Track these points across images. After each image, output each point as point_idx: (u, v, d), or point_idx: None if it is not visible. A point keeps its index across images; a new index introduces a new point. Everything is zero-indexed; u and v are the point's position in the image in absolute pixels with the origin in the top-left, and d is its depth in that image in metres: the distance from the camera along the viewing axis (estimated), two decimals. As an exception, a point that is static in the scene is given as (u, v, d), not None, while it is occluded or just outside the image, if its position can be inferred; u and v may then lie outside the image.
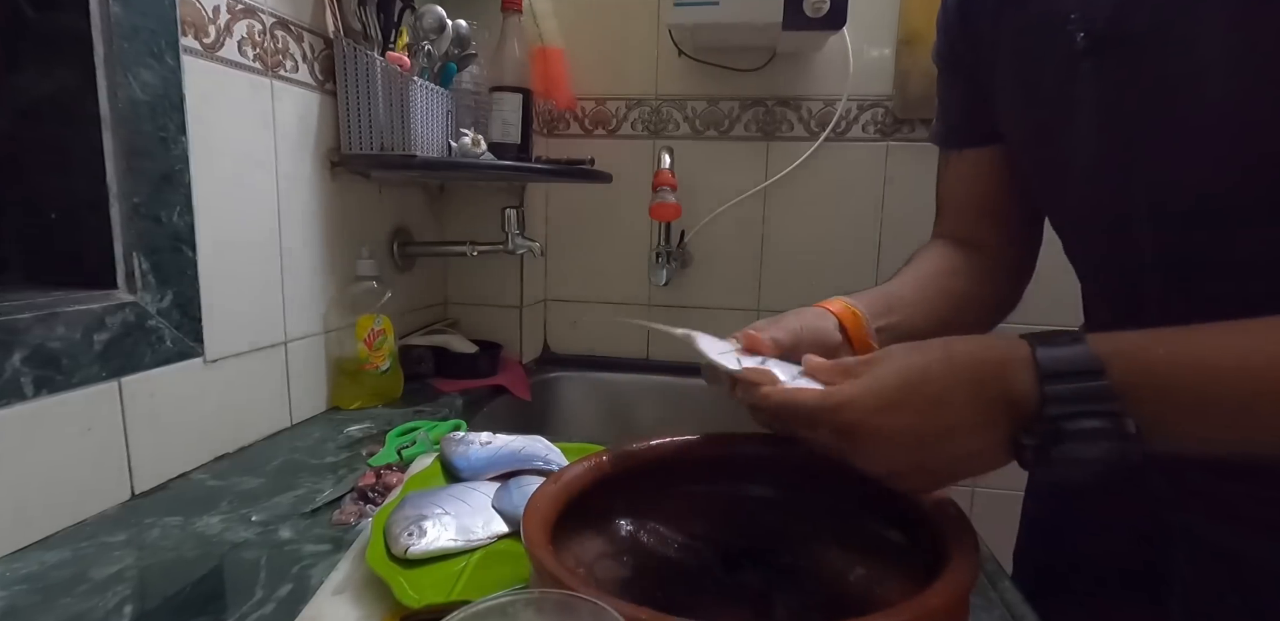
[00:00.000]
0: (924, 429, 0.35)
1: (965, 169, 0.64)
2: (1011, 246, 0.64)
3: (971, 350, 0.37)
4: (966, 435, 0.35)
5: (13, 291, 0.56)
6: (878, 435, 0.36)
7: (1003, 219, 0.63)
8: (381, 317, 0.88)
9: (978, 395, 0.35)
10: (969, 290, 0.62)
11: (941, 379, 0.36)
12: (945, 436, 0.35)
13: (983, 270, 0.63)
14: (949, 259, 0.64)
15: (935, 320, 0.60)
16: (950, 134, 0.64)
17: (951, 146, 0.64)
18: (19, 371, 0.50)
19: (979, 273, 0.63)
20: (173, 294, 0.63)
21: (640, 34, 1.23)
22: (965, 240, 0.64)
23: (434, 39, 0.88)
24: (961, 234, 0.65)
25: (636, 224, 1.27)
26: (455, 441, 0.64)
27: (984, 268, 0.63)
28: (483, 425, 0.94)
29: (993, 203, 0.63)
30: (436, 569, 0.46)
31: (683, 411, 1.20)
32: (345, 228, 0.90)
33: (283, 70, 0.76)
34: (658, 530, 0.42)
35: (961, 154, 0.63)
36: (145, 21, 0.59)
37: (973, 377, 0.36)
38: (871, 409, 0.36)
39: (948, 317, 0.60)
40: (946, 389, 0.36)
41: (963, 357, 0.36)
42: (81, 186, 0.58)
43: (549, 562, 0.31)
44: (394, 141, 0.84)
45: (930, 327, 0.60)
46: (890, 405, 0.36)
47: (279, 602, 0.44)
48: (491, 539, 0.50)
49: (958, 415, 0.35)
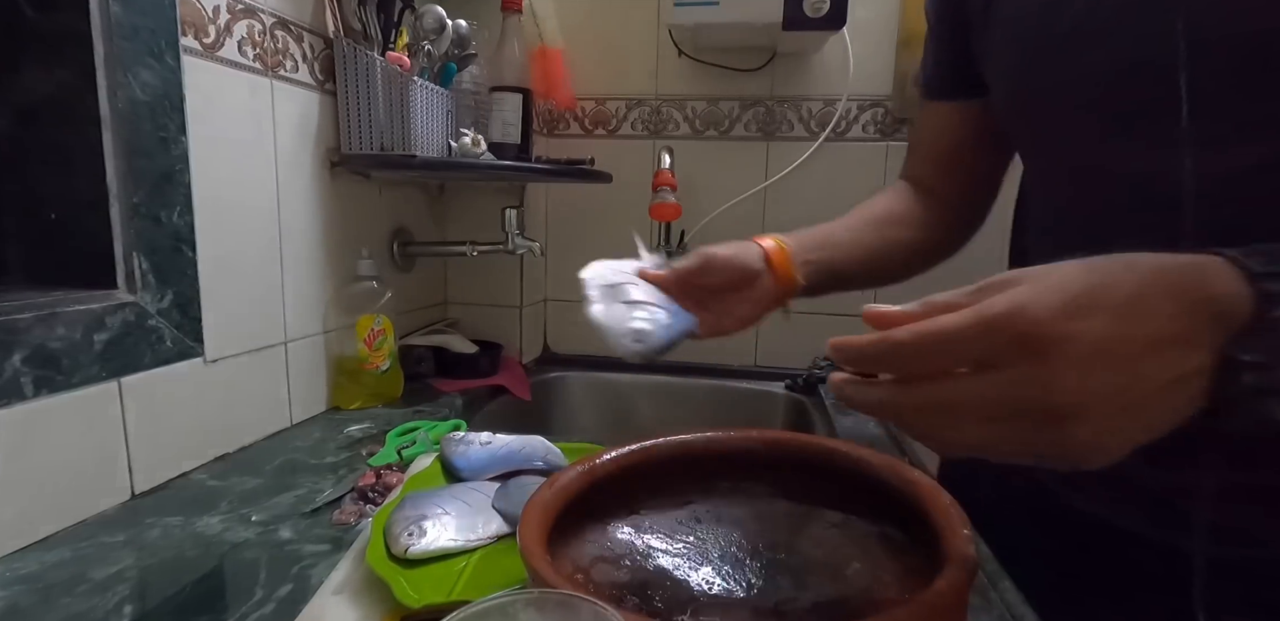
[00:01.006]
0: (1130, 337, 0.27)
1: (938, 120, 0.67)
2: (965, 199, 0.67)
3: (1156, 257, 0.29)
4: (1176, 350, 0.27)
5: (13, 291, 0.56)
6: (1075, 344, 0.26)
7: (964, 172, 0.67)
8: (381, 318, 0.88)
9: (1179, 299, 0.28)
10: (906, 237, 0.66)
11: (1132, 282, 0.28)
12: (1153, 350, 0.27)
13: (932, 218, 0.67)
14: (900, 204, 0.68)
15: (864, 261, 0.65)
16: (929, 83, 0.66)
17: (929, 96, 0.67)
18: (19, 371, 0.50)
19: (927, 220, 0.67)
20: (173, 294, 0.63)
21: (640, 34, 1.23)
22: (926, 186, 0.68)
23: (434, 39, 0.88)
24: (924, 180, 0.69)
25: (636, 224, 1.26)
26: (455, 441, 0.64)
27: (934, 216, 0.67)
28: (483, 425, 0.94)
29: (958, 155, 0.66)
30: (436, 569, 0.46)
31: (683, 411, 1.20)
32: (345, 228, 0.90)
33: (283, 70, 0.76)
34: (656, 531, 0.42)
35: (936, 104, 0.66)
36: (145, 21, 0.59)
37: (1170, 281, 0.28)
38: (1059, 310, 0.26)
39: (876, 260, 0.65)
40: (1141, 292, 0.28)
41: (1149, 262, 0.29)
42: (81, 186, 0.58)
43: (546, 572, 0.31)
44: (394, 141, 0.84)
45: (856, 268, 0.65)
46: (1082, 307, 0.26)
47: (279, 602, 0.44)
48: (491, 539, 0.50)
49: (1160, 325, 0.27)
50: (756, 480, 0.44)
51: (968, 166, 0.66)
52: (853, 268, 0.65)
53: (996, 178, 0.66)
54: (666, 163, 1.16)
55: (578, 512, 0.39)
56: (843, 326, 1.22)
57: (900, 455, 0.76)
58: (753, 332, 1.26)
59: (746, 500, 0.44)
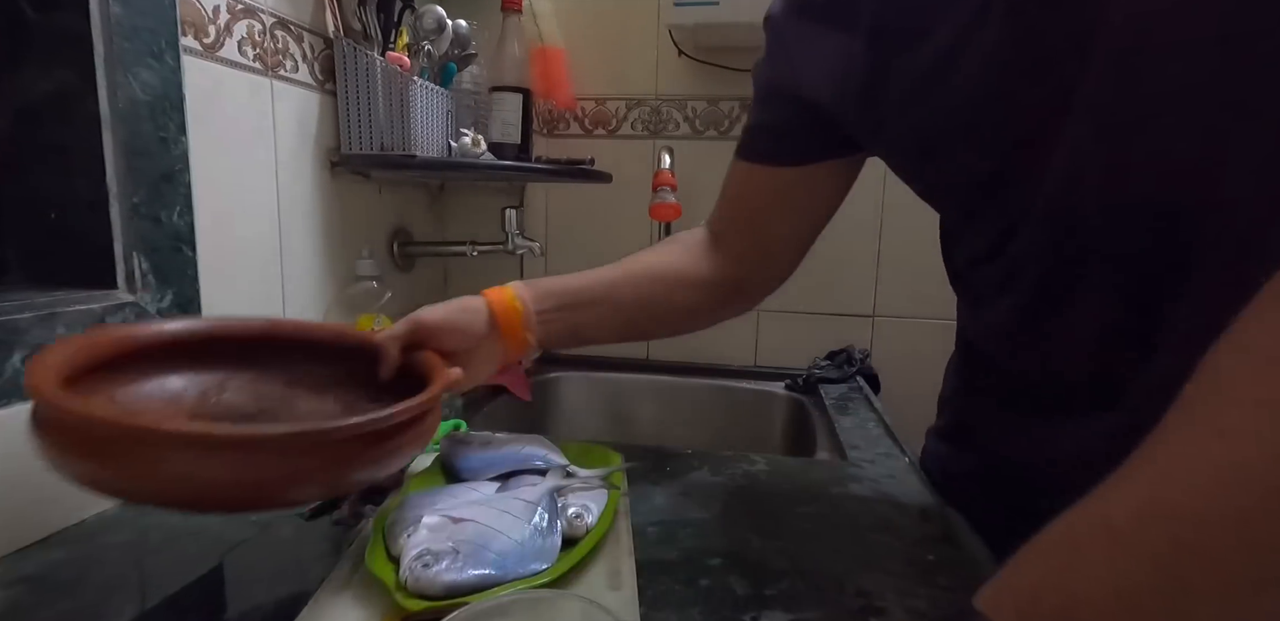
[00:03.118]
0: None
1: (748, 178, 0.62)
2: (762, 261, 0.64)
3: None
4: None
5: (13, 291, 0.56)
6: None
7: (765, 234, 0.63)
8: (381, 318, 0.88)
9: None
10: (676, 298, 0.63)
11: None
12: None
13: (716, 278, 0.63)
14: (681, 260, 0.64)
15: (613, 324, 0.62)
16: (747, 145, 0.61)
17: (741, 156, 0.62)
18: (19, 371, 0.50)
19: (709, 280, 0.63)
20: (173, 294, 0.63)
21: (640, 34, 1.23)
22: (723, 241, 0.65)
23: (434, 39, 0.88)
24: (723, 235, 0.65)
25: (636, 224, 1.27)
26: (455, 441, 0.64)
27: (720, 275, 0.63)
28: (483, 425, 0.94)
29: (762, 217, 0.63)
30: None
31: (683, 411, 1.20)
32: (345, 228, 0.90)
33: (283, 70, 0.76)
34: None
35: (748, 164, 0.61)
36: (145, 21, 0.59)
37: None
38: None
39: (630, 323, 0.63)
40: None
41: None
42: (81, 186, 0.58)
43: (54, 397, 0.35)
44: (394, 141, 0.84)
45: (605, 332, 0.62)
46: None
47: (279, 602, 0.44)
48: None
49: None
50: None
51: (770, 229, 0.63)
52: (600, 331, 0.63)
53: (804, 241, 0.64)
54: (666, 163, 1.16)
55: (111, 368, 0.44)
56: (843, 326, 1.22)
57: (901, 454, 0.76)
58: (753, 332, 1.26)
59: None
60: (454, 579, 0.41)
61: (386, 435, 0.40)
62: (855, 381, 1.11)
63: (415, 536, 0.45)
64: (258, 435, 0.36)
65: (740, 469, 0.67)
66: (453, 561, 0.42)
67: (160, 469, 0.35)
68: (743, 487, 0.63)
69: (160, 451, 0.35)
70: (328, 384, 0.55)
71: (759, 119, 0.60)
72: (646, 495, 0.60)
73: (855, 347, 1.18)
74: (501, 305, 0.57)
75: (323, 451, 0.38)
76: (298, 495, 0.40)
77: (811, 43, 0.53)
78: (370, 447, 0.40)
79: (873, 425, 0.88)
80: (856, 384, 1.10)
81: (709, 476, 0.66)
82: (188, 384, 0.50)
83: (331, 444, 0.38)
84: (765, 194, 0.61)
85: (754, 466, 0.68)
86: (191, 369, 0.50)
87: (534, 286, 0.60)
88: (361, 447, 0.39)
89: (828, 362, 1.16)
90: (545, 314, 0.59)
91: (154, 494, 0.37)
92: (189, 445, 0.35)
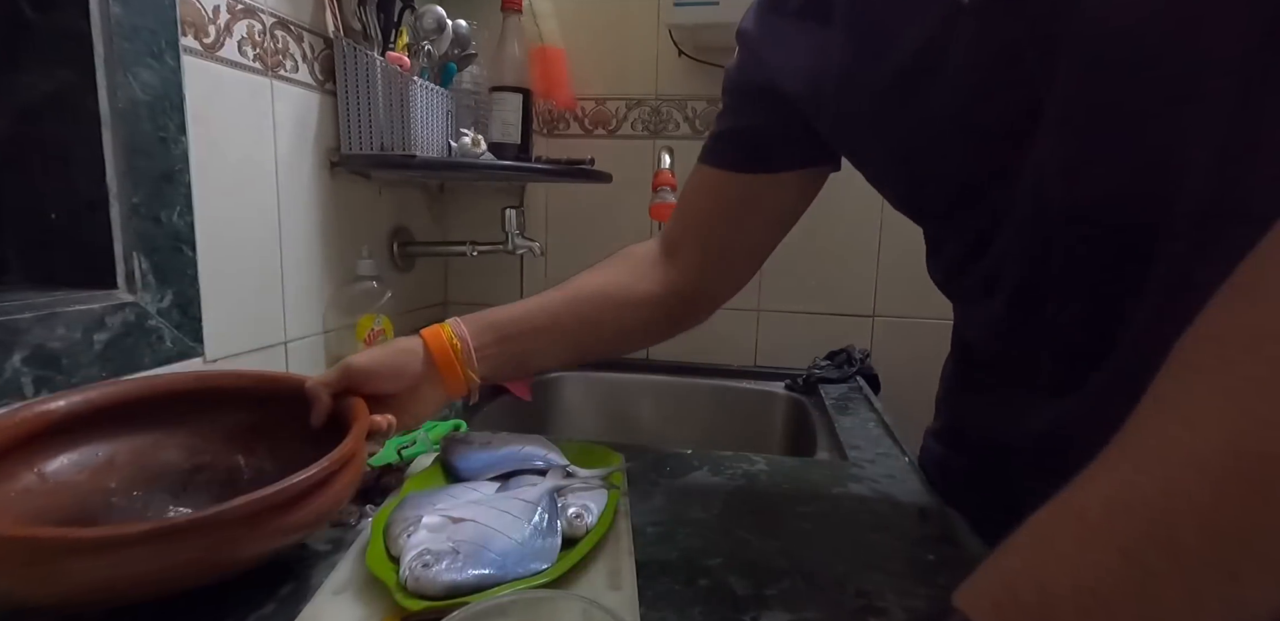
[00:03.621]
0: None
1: (708, 183, 0.61)
2: (715, 272, 0.63)
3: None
4: None
5: (13, 291, 0.56)
6: None
7: (722, 244, 0.62)
8: (381, 317, 0.88)
9: None
10: (623, 318, 0.62)
11: None
12: None
13: (663, 293, 0.62)
14: (627, 277, 0.63)
15: (558, 351, 0.61)
16: (712, 148, 0.60)
17: (705, 160, 0.61)
18: (19, 371, 0.50)
19: (655, 297, 0.62)
20: (173, 294, 0.63)
21: (640, 34, 1.23)
22: (675, 251, 0.64)
23: (434, 39, 0.88)
24: (676, 245, 0.64)
25: (636, 224, 1.27)
26: (455, 441, 0.64)
27: (668, 289, 0.62)
28: (483, 425, 0.94)
29: (720, 226, 0.62)
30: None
31: (683, 411, 1.20)
32: (345, 228, 0.90)
33: (283, 70, 0.76)
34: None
35: (711, 169, 0.60)
36: (145, 21, 0.59)
37: None
38: None
39: (576, 347, 0.62)
40: None
41: None
42: (81, 186, 0.58)
43: None
44: (394, 141, 0.84)
45: (549, 360, 0.62)
46: None
47: (279, 602, 0.44)
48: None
49: None
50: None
51: (732, 238, 0.62)
52: (547, 359, 0.62)
53: (763, 251, 0.63)
54: (666, 163, 1.16)
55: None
56: (843, 326, 1.22)
57: (901, 454, 0.76)
58: (753, 332, 1.26)
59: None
60: (454, 579, 0.41)
61: (284, 506, 0.40)
62: (855, 381, 1.11)
63: (415, 536, 0.45)
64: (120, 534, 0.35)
65: (740, 469, 0.67)
66: (453, 561, 0.42)
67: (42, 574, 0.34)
68: (743, 487, 0.63)
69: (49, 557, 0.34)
70: (263, 433, 0.55)
71: (729, 124, 0.59)
72: (646, 495, 0.60)
73: (855, 347, 1.18)
74: (437, 344, 0.56)
75: (211, 535, 0.37)
76: (185, 583, 0.39)
77: (787, 40, 0.53)
78: (264, 524, 0.39)
79: (873, 425, 0.88)
80: (856, 384, 1.10)
81: (709, 476, 0.66)
82: (117, 449, 0.50)
83: (221, 525, 0.37)
84: (729, 202, 0.60)
85: (754, 466, 0.68)
86: (122, 433, 0.50)
87: (473, 321, 0.59)
88: (255, 525, 0.39)
89: (828, 362, 1.16)
90: (486, 348, 0.58)
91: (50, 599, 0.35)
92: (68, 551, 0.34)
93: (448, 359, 0.57)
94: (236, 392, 0.55)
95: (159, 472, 0.51)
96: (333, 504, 0.44)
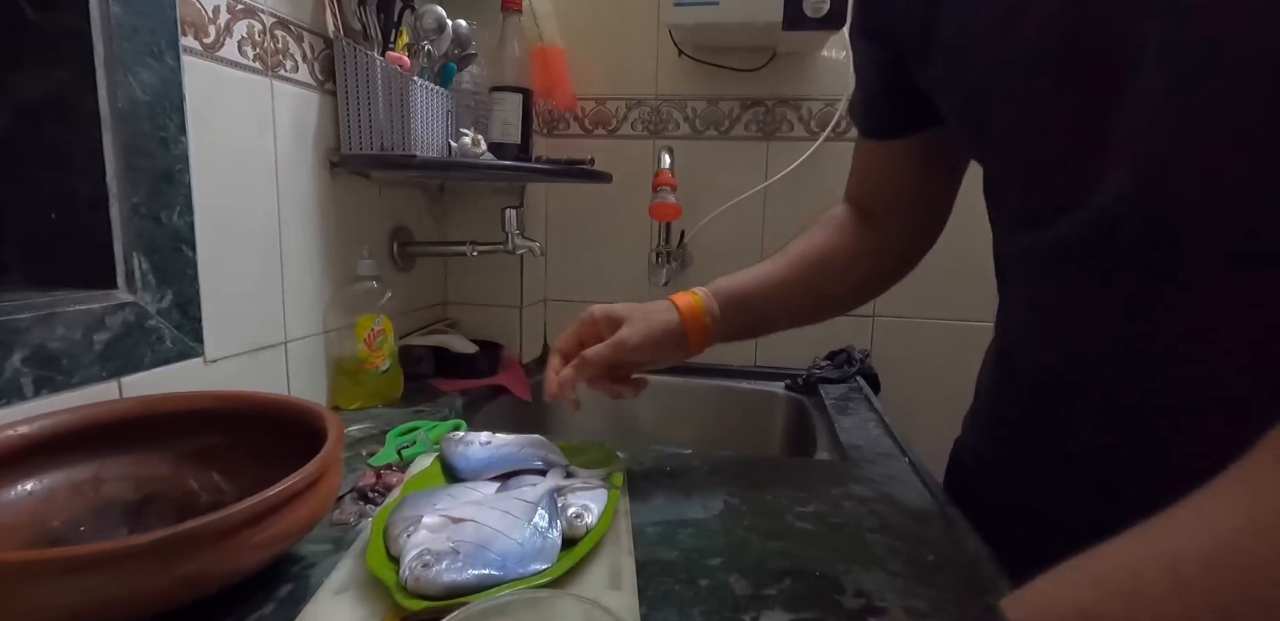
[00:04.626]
0: None
1: (876, 155, 0.64)
2: (911, 230, 0.65)
3: None
4: None
5: (13, 291, 0.56)
6: None
7: (908, 204, 0.64)
8: (381, 317, 0.88)
9: None
10: (843, 284, 0.65)
11: None
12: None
13: (874, 251, 0.65)
14: (842, 241, 0.65)
15: (789, 316, 0.65)
16: (862, 125, 0.63)
17: (865, 136, 0.64)
18: (19, 371, 0.50)
19: (868, 257, 0.65)
20: (173, 294, 0.63)
21: (640, 34, 1.23)
22: (868, 214, 0.66)
23: (434, 39, 0.88)
24: (867, 209, 0.66)
25: (636, 224, 1.27)
26: (455, 441, 0.64)
27: (877, 248, 0.65)
28: (483, 425, 0.94)
29: (900, 189, 0.64)
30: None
31: (683, 411, 1.20)
32: (345, 228, 0.90)
33: (283, 70, 0.76)
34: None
35: (878, 142, 0.63)
36: (145, 21, 0.59)
37: None
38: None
39: (802, 312, 0.66)
40: None
41: None
42: (81, 186, 0.58)
43: None
44: (394, 141, 0.84)
45: (777, 324, 0.66)
46: None
47: (279, 602, 0.44)
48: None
49: None
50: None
51: (911, 199, 0.64)
52: (774, 325, 0.66)
53: (944, 206, 0.64)
54: (666, 163, 1.16)
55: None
56: (843, 326, 1.22)
57: (901, 455, 0.76)
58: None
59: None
60: (454, 579, 0.41)
61: (263, 517, 0.40)
62: (855, 381, 1.11)
63: (415, 536, 0.45)
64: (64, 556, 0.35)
65: (740, 469, 0.67)
66: (453, 561, 0.42)
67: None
68: (743, 488, 0.63)
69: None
70: (215, 454, 0.54)
71: (856, 94, 0.63)
72: (646, 495, 0.60)
73: (855, 347, 1.18)
74: (694, 321, 0.60)
75: (200, 547, 0.37)
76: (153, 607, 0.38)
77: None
78: (254, 534, 0.39)
79: (873, 425, 0.88)
80: (856, 384, 1.10)
81: (709, 476, 0.66)
82: (55, 483, 0.48)
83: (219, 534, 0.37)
84: (902, 164, 0.63)
85: (754, 466, 0.68)
86: (60, 466, 0.49)
87: (721, 294, 0.62)
88: (239, 536, 0.39)
89: (828, 362, 1.16)
90: (729, 320, 0.62)
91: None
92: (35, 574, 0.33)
93: (701, 336, 0.61)
94: (186, 414, 0.54)
95: (103, 507, 0.49)
96: (312, 516, 0.44)
